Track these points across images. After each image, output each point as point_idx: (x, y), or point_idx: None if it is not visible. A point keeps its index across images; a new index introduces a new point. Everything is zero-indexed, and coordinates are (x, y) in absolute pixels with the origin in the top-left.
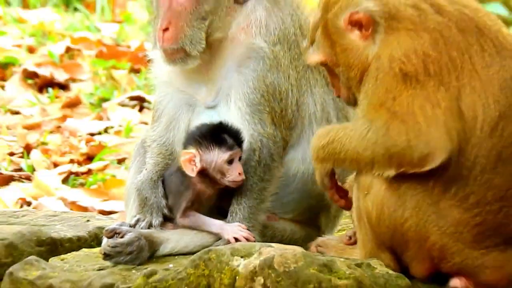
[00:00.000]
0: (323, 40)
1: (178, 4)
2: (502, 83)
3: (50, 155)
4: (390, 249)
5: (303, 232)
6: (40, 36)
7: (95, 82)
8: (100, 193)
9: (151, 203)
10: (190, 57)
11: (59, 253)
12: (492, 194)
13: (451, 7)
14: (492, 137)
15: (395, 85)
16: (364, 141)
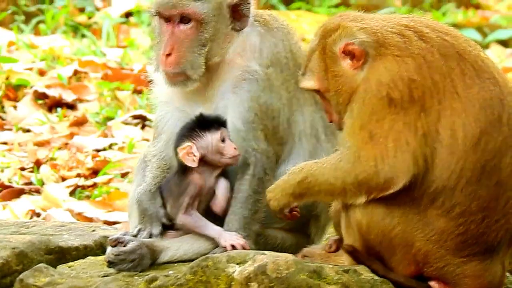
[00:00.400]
0: (318, 63)
1: (181, 31)
2: (482, 102)
3: (58, 169)
4: (376, 255)
5: (293, 240)
6: (50, 60)
7: (100, 102)
8: (104, 205)
9: (150, 213)
10: (190, 80)
11: (66, 261)
12: (476, 205)
13: (433, 34)
14: (476, 151)
15: (380, 108)
16: (336, 171)
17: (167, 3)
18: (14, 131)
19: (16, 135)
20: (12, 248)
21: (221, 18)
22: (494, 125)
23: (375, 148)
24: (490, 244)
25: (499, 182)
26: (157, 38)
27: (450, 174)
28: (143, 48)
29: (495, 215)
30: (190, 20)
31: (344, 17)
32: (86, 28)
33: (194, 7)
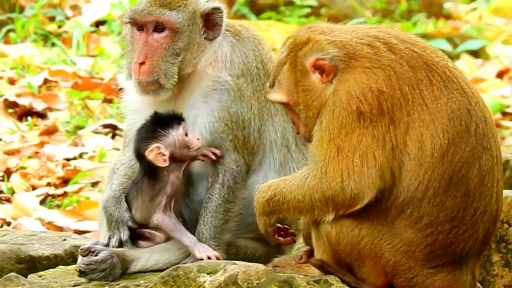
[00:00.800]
0: (288, 77)
1: (154, 40)
2: (450, 113)
3: (28, 178)
4: (347, 266)
5: (264, 250)
6: (20, 69)
7: (71, 111)
8: (75, 214)
9: (115, 218)
10: (163, 89)
11: (37, 270)
12: (444, 215)
13: (402, 45)
14: (444, 162)
15: (350, 122)
16: (303, 188)
17: (142, 10)
18: None
19: None
20: None
21: (195, 27)
22: (462, 136)
23: (341, 164)
24: (459, 254)
25: (467, 193)
26: (129, 46)
27: (418, 185)
28: (114, 57)
29: (463, 226)
30: (165, 28)
31: (313, 30)
32: (56, 37)
33: (169, 16)
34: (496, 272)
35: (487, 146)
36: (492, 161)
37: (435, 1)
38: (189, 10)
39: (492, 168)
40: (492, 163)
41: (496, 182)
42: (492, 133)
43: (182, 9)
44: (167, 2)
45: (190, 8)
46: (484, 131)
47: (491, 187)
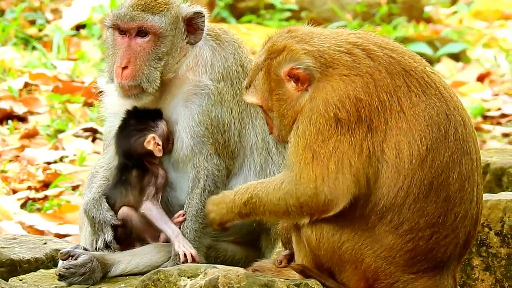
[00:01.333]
0: (263, 84)
1: (137, 44)
2: (428, 119)
3: (9, 182)
4: (328, 270)
5: (244, 253)
6: (0, 73)
7: (51, 115)
8: (55, 217)
9: (98, 220)
10: (145, 94)
11: (18, 274)
12: (424, 221)
13: (380, 51)
14: (423, 168)
15: (327, 128)
16: (279, 192)
17: (125, 15)
18: None
19: None
20: None
21: (177, 32)
22: (440, 141)
23: (316, 170)
24: (440, 259)
25: (447, 198)
26: (110, 50)
27: (398, 191)
28: (94, 60)
29: (444, 231)
30: (148, 33)
31: (292, 36)
32: (37, 40)
33: (153, 21)
34: (476, 276)
35: (467, 150)
36: (472, 165)
37: (415, 5)
38: (171, 14)
39: (472, 172)
40: (472, 167)
41: (476, 186)
42: (472, 137)
43: (164, 13)
44: (150, 6)
45: (172, 12)
46: (464, 135)
47: (471, 191)
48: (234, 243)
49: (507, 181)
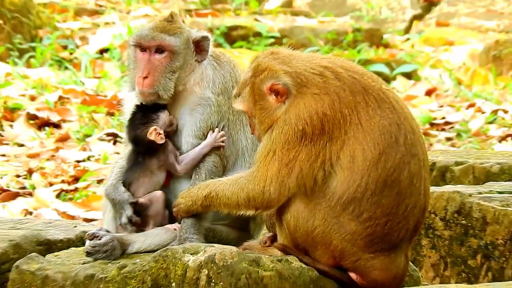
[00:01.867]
0: (248, 97)
1: (156, 59)
2: (382, 129)
3: (46, 177)
4: (303, 249)
5: (236, 235)
6: (39, 88)
7: (80, 123)
8: (84, 205)
9: (117, 201)
10: (160, 100)
11: (53, 251)
12: (380, 211)
13: (345, 73)
14: (377, 168)
15: (294, 139)
16: (233, 186)
17: (147, 35)
18: (11, 146)
19: (12, 148)
20: (9, 241)
21: (188, 51)
22: (392, 146)
23: (270, 171)
24: (394, 241)
25: (399, 192)
26: (132, 64)
27: (356, 188)
28: (115, 78)
29: (397, 219)
30: (164, 50)
31: (274, 57)
32: (68, 62)
33: (169, 40)
34: (424, 253)
35: (415, 152)
36: (419, 165)
37: (376, 33)
38: (184, 36)
39: (420, 170)
40: (419, 166)
41: (423, 181)
42: (419, 142)
43: (178, 35)
44: (167, 29)
45: (184, 35)
46: (412, 141)
47: (419, 186)
48: (228, 226)
49: (449, 177)
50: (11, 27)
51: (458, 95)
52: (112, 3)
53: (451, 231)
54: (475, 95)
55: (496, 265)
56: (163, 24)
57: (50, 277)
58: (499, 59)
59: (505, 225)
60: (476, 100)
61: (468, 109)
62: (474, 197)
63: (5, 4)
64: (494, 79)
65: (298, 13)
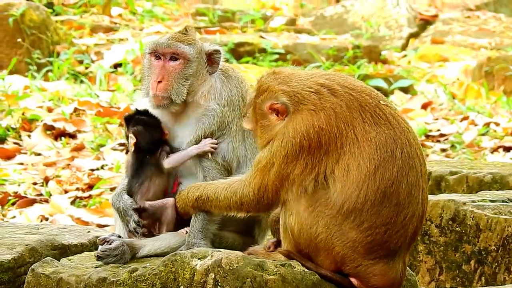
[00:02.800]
0: (252, 116)
1: (170, 66)
2: (378, 144)
3: (62, 184)
4: (306, 255)
5: (241, 240)
6: (56, 100)
7: (94, 133)
8: (97, 212)
9: (122, 209)
10: (173, 104)
11: (67, 255)
12: (380, 221)
13: (342, 90)
14: (375, 181)
15: (293, 152)
16: (226, 190)
17: (163, 43)
18: (28, 155)
19: (30, 157)
20: (25, 245)
21: (201, 61)
22: (388, 160)
23: (265, 180)
24: (393, 249)
25: (398, 203)
26: (146, 72)
27: (356, 199)
28: (128, 91)
29: (395, 228)
30: (178, 58)
31: (275, 78)
32: (84, 76)
33: (184, 48)
34: (421, 259)
35: (412, 164)
36: (417, 176)
37: (374, 50)
38: (197, 47)
39: (418, 181)
40: (417, 177)
41: (421, 191)
42: (417, 154)
43: (192, 45)
44: (182, 39)
45: (198, 46)
46: (409, 153)
47: (418, 196)
48: (234, 232)
49: (444, 186)
50: (30, 43)
51: (452, 108)
52: (126, 21)
53: (446, 237)
54: (468, 109)
55: (489, 270)
56: (178, 35)
57: (64, 280)
58: (491, 74)
59: (498, 232)
60: (469, 113)
61: (461, 121)
62: (468, 205)
63: (25, 21)
64: (486, 94)
65: (301, 31)
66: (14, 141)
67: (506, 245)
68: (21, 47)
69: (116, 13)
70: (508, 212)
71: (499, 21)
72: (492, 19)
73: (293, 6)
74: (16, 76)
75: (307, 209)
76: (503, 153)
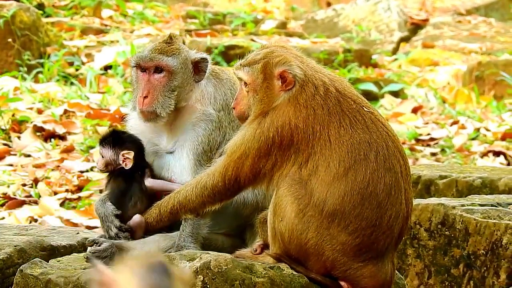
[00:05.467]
0: (258, 72)
1: (155, 79)
2: (350, 147)
3: (51, 186)
4: (296, 259)
5: (230, 243)
6: (46, 102)
7: (84, 135)
8: (86, 213)
9: (103, 215)
10: (159, 117)
11: (56, 256)
12: (365, 223)
13: (334, 94)
14: (348, 182)
15: (265, 146)
16: (196, 188)
17: (145, 57)
18: (18, 156)
19: (19, 159)
20: (14, 246)
21: (187, 71)
22: (360, 162)
23: (236, 172)
24: (380, 250)
25: (379, 204)
26: (134, 84)
27: (335, 201)
28: (118, 94)
29: (381, 229)
30: (163, 70)
31: (288, 52)
32: (74, 78)
33: (167, 61)
34: (410, 262)
35: (390, 167)
36: (396, 177)
37: (365, 53)
38: (182, 57)
39: (397, 181)
40: (396, 178)
41: (403, 191)
42: (395, 156)
43: (176, 56)
44: (164, 50)
45: (183, 55)
46: (386, 156)
47: (399, 197)
48: (224, 235)
49: (434, 190)
50: (21, 44)
51: (443, 112)
52: (116, 23)
53: (435, 241)
54: (459, 113)
55: (477, 274)
56: (161, 45)
57: (53, 281)
58: (482, 79)
59: (486, 236)
60: (460, 118)
61: (452, 126)
62: (457, 209)
63: (15, 22)
64: (476, 98)
65: (292, 34)
66: (3, 143)
67: (494, 249)
68: (11, 48)
69: (106, 15)
70: (497, 217)
71: (490, 26)
72: (483, 23)
73: (284, 10)
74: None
75: (297, 216)
76: (493, 158)
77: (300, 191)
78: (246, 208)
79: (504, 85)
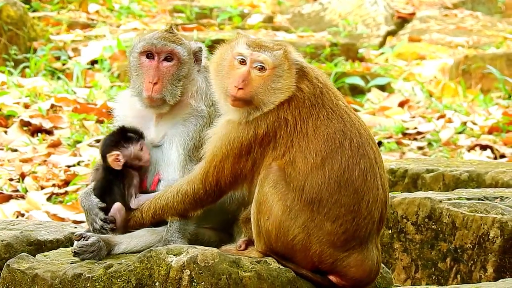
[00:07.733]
0: (282, 58)
1: (164, 67)
2: (326, 137)
3: (38, 180)
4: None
5: (217, 237)
6: (33, 97)
7: (71, 129)
8: (73, 208)
9: (88, 207)
10: (165, 105)
11: (43, 251)
12: (344, 210)
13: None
14: (325, 171)
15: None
16: (177, 196)
17: (158, 43)
18: (5, 151)
19: (6, 153)
20: (1, 241)
21: (191, 61)
22: (336, 151)
23: (216, 176)
24: (363, 236)
25: (355, 190)
26: (135, 72)
27: (311, 188)
28: (104, 88)
29: (361, 215)
30: (173, 59)
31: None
32: (61, 72)
33: (179, 49)
34: (397, 256)
35: (364, 153)
36: (370, 163)
37: (351, 48)
38: (187, 47)
39: (372, 167)
40: (371, 164)
41: (379, 177)
42: (368, 143)
43: (184, 45)
44: (174, 39)
45: (187, 45)
46: (359, 143)
47: (375, 181)
48: (211, 229)
49: (421, 183)
50: (7, 39)
51: (429, 106)
52: (103, 17)
53: (422, 235)
54: (445, 107)
55: (464, 268)
56: (168, 35)
57: (40, 276)
58: (468, 73)
59: (473, 230)
60: (446, 112)
61: (438, 120)
62: (444, 203)
63: (2, 17)
64: (463, 92)
65: (279, 28)
66: None
67: (481, 243)
68: None
69: (93, 10)
70: (484, 210)
71: (476, 20)
72: (470, 17)
73: (271, 4)
74: None
75: (284, 213)
76: (480, 152)
77: (285, 188)
78: (232, 203)
79: (491, 79)
